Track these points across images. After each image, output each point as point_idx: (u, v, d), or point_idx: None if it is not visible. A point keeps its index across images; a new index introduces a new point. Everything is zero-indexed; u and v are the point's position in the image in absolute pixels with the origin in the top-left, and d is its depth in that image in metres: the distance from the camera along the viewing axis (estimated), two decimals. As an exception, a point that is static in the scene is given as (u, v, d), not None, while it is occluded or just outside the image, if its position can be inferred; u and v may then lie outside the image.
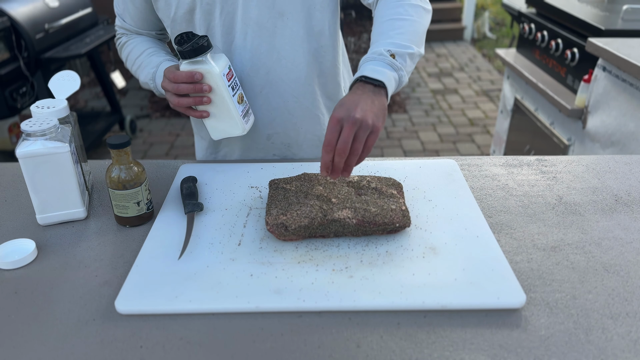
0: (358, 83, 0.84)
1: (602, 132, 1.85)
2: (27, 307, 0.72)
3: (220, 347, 0.64)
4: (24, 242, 0.83)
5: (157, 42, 1.13)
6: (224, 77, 0.92)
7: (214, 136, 1.01)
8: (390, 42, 0.87)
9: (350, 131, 0.77)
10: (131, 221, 0.89)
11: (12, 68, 2.61)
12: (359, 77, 0.84)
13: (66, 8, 2.98)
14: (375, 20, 0.95)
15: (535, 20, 2.42)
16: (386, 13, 0.92)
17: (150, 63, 1.06)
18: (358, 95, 0.81)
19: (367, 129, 0.78)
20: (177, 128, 3.74)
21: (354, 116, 0.77)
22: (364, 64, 0.86)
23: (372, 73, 0.83)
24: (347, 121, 0.77)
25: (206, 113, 0.96)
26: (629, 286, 0.73)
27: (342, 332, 0.66)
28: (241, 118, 0.97)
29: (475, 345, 0.64)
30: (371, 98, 0.81)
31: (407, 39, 0.88)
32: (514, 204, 0.93)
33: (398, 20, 0.90)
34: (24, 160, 0.83)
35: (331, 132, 0.78)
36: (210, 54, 0.92)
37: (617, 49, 1.73)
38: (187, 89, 0.92)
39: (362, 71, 0.84)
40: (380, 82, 0.82)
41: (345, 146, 0.77)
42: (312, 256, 0.78)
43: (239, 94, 0.97)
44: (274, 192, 0.89)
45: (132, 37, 1.12)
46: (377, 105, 0.80)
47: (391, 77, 0.84)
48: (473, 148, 3.38)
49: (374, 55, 0.86)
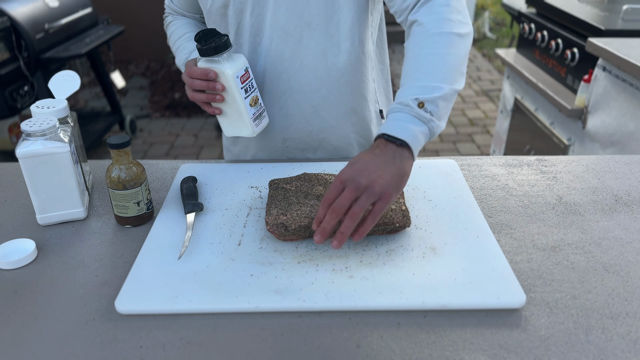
0: (379, 140, 0.75)
1: (602, 132, 1.85)
2: (27, 307, 0.72)
3: (220, 347, 0.64)
4: (24, 242, 0.83)
5: (199, 27, 1.16)
6: (237, 79, 0.93)
7: (227, 133, 1.04)
8: (417, 85, 0.78)
9: (350, 195, 0.69)
10: (131, 221, 0.89)
11: (12, 68, 2.61)
12: (380, 134, 0.75)
13: (66, 8, 2.98)
14: (405, 55, 0.86)
15: (535, 20, 2.42)
16: (414, 49, 0.83)
17: (185, 48, 1.10)
18: (374, 155, 0.73)
19: (372, 196, 0.69)
20: (177, 128, 3.74)
21: (359, 181, 0.70)
22: (388, 117, 0.77)
23: (395, 130, 0.74)
24: (350, 184, 0.70)
25: (218, 110, 0.99)
26: (629, 286, 0.73)
27: (342, 332, 0.66)
28: (251, 120, 0.98)
29: (475, 345, 0.64)
30: (389, 161, 0.72)
31: (436, 77, 0.78)
32: (514, 204, 0.93)
33: (425, 56, 0.81)
34: (24, 160, 0.83)
35: (331, 190, 0.71)
36: (228, 54, 0.93)
37: (617, 49, 1.73)
38: (201, 85, 0.94)
39: (385, 127, 0.75)
40: (403, 141, 0.73)
41: (340, 209, 0.69)
42: (312, 256, 0.78)
43: (253, 96, 0.98)
44: (274, 192, 0.89)
45: (177, 18, 1.17)
46: (393, 170, 0.71)
47: (418, 132, 0.74)
48: (473, 148, 3.38)
49: (399, 106, 0.76)
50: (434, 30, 0.83)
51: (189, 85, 0.97)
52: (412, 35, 0.85)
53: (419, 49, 0.82)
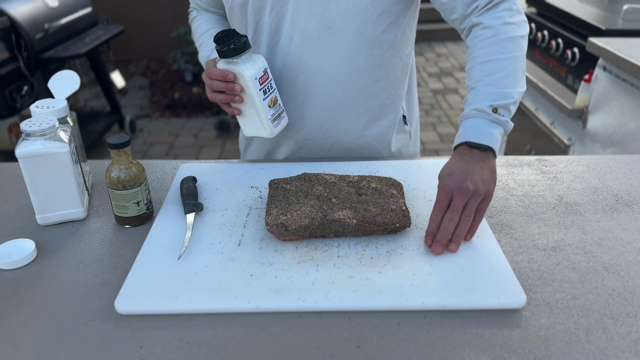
0: (463, 147, 0.81)
1: (603, 132, 1.85)
2: (27, 307, 0.72)
3: (220, 347, 0.64)
4: (23, 242, 0.83)
5: (223, 22, 1.17)
6: (256, 81, 0.93)
7: (246, 133, 1.04)
8: (490, 92, 0.83)
9: (461, 201, 0.76)
10: (131, 221, 0.88)
11: (12, 68, 2.61)
12: (464, 142, 0.81)
13: (66, 8, 2.98)
14: (469, 57, 0.90)
15: (536, 20, 2.42)
16: (481, 53, 0.87)
17: (208, 45, 1.11)
18: (466, 162, 0.78)
19: (479, 197, 0.77)
20: (177, 128, 3.74)
21: (466, 187, 0.76)
22: (466, 123, 0.83)
23: (478, 138, 0.80)
24: (459, 192, 0.76)
25: (237, 111, 0.99)
26: (629, 286, 0.73)
27: (342, 332, 0.66)
28: (269, 122, 0.98)
29: (476, 345, 0.64)
30: (480, 165, 0.78)
31: (507, 83, 0.83)
32: (514, 204, 0.93)
33: (495, 62, 0.85)
34: (24, 160, 0.83)
35: (441, 201, 0.77)
36: (247, 55, 0.93)
37: (618, 48, 1.73)
38: (220, 86, 0.95)
39: (467, 135, 0.81)
40: (488, 146, 0.80)
41: (455, 215, 0.76)
42: (312, 256, 0.78)
43: (272, 97, 0.97)
44: (274, 192, 0.89)
45: (201, 13, 1.18)
46: (487, 171, 0.78)
47: (497, 135, 0.81)
48: (473, 148, 3.38)
49: (476, 112, 0.82)
50: (502, 35, 0.86)
51: (208, 86, 0.97)
52: (479, 38, 0.88)
53: (488, 53, 0.86)
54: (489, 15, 0.88)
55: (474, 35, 0.90)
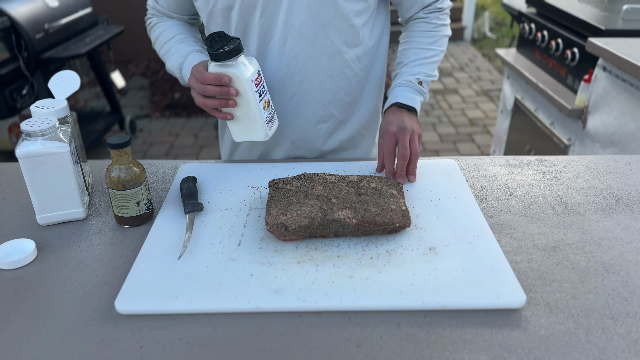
0: (394, 107, 1.03)
1: (602, 132, 1.85)
2: (27, 307, 0.72)
3: (220, 347, 0.64)
4: (23, 242, 0.83)
5: (188, 28, 1.13)
6: (252, 83, 0.91)
7: (236, 138, 1.01)
8: (420, 70, 1.06)
9: (406, 138, 0.96)
10: (131, 221, 0.88)
11: (12, 68, 2.61)
12: (395, 103, 1.03)
13: (66, 8, 2.98)
14: (409, 40, 1.10)
15: (535, 20, 2.42)
16: (421, 40, 1.08)
17: (178, 51, 1.06)
18: (400, 114, 1.00)
19: (416, 134, 0.97)
20: (177, 128, 3.74)
21: (406, 126, 0.97)
22: (396, 90, 1.05)
23: (406, 100, 1.03)
24: (402, 131, 0.96)
25: (230, 116, 0.95)
26: (629, 286, 0.73)
27: (342, 332, 0.66)
28: (265, 124, 0.96)
29: (475, 345, 0.64)
30: (408, 116, 1.00)
31: (433, 68, 1.08)
32: (514, 204, 0.93)
33: (430, 50, 1.08)
34: (24, 160, 0.83)
35: (389, 143, 0.97)
36: (241, 58, 0.90)
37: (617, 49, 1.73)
38: (214, 91, 0.91)
39: (398, 98, 1.03)
40: (412, 107, 1.02)
41: (406, 150, 0.95)
42: (312, 256, 0.78)
43: (266, 99, 0.96)
44: (274, 192, 0.89)
45: (162, 20, 1.13)
46: (414, 121, 1.01)
47: (419, 101, 1.05)
48: (473, 148, 3.38)
49: (406, 82, 1.04)
50: (440, 32, 1.09)
51: (200, 91, 0.93)
52: (422, 28, 1.09)
53: (426, 43, 1.08)
54: (434, 16, 1.09)
55: (418, 25, 1.10)
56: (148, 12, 1.16)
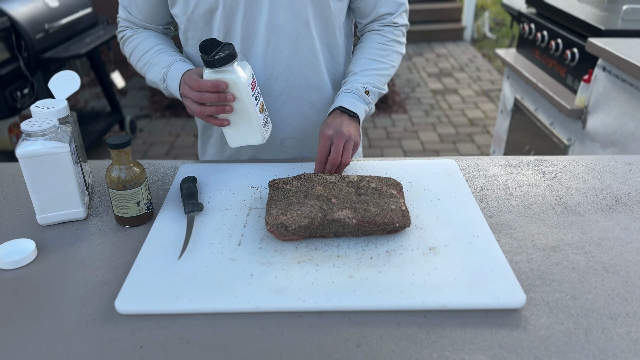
0: (337, 111, 1.01)
1: (602, 132, 1.85)
2: (27, 307, 0.72)
3: (220, 347, 0.64)
4: (24, 242, 0.83)
5: (164, 38, 1.11)
6: (249, 87, 0.91)
7: (232, 144, 0.99)
8: (369, 81, 1.04)
9: (341, 142, 0.94)
10: (131, 221, 0.89)
11: (12, 68, 2.61)
12: (338, 107, 1.01)
13: (66, 8, 2.98)
14: (361, 50, 1.10)
15: (535, 20, 2.42)
16: (372, 51, 1.08)
17: (160, 62, 1.04)
18: (340, 119, 0.98)
19: (352, 141, 0.96)
20: (177, 128, 3.74)
21: (342, 132, 0.95)
22: (342, 95, 1.03)
23: (350, 105, 1.01)
24: (337, 136, 0.94)
25: (227, 122, 0.95)
26: (629, 286, 0.73)
27: (342, 332, 0.66)
28: (261, 127, 0.97)
29: (475, 345, 0.64)
30: (349, 121, 0.99)
31: (382, 81, 1.07)
32: (514, 204, 0.93)
33: (380, 62, 1.07)
34: (24, 160, 0.83)
35: (323, 146, 0.95)
36: (237, 63, 0.90)
37: (617, 49, 1.73)
38: (211, 98, 0.90)
39: (342, 102, 1.01)
40: (355, 113, 1.01)
41: (337, 157, 0.94)
42: (312, 256, 0.78)
43: (261, 102, 0.96)
44: (274, 192, 0.89)
45: (137, 32, 1.09)
46: (354, 127, 0.99)
47: (363, 109, 1.03)
48: (473, 148, 3.38)
49: (352, 89, 1.03)
50: (393, 47, 1.09)
51: (197, 99, 0.91)
52: (376, 40, 1.09)
53: (378, 55, 1.08)
54: (388, 30, 1.09)
55: (372, 36, 1.10)
56: (120, 25, 1.11)
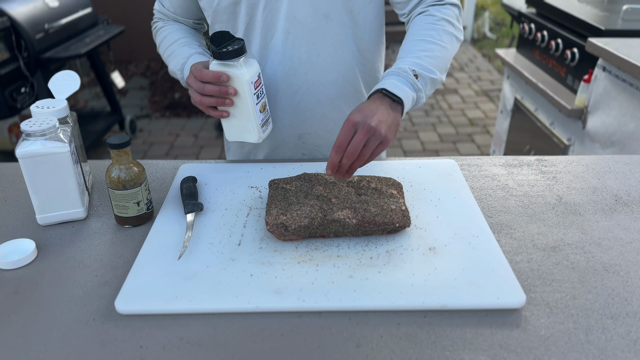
0: (378, 94, 0.85)
1: (602, 132, 1.85)
2: (27, 307, 0.72)
3: (220, 347, 0.64)
4: (24, 242, 0.83)
5: (192, 32, 1.13)
6: (252, 85, 0.91)
7: (229, 138, 1.01)
8: (417, 62, 0.89)
9: (363, 137, 0.78)
10: (131, 221, 0.88)
11: (12, 68, 2.60)
12: (379, 89, 0.85)
13: (66, 8, 2.98)
14: (408, 34, 0.97)
15: (535, 20, 2.42)
16: (419, 32, 0.95)
17: (181, 53, 1.06)
18: (376, 105, 0.82)
19: (378, 138, 0.80)
20: (177, 128, 3.74)
21: (369, 124, 0.79)
22: (386, 77, 0.87)
23: (394, 88, 0.84)
24: (362, 127, 0.79)
25: (226, 113, 0.95)
26: (629, 286, 0.73)
27: (342, 332, 0.66)
28: (259, 127, 0.96)
29: (475, 345, 0.64)
30: (388, 110, 0.82)
31: (433, 63, 0.90)
32: (514, 204, 0.93)
33: (429, 42, 0.92)
34: (24, 160, 0.83)
35: (345, 134, 0.79)
36: (244, 59, 0.91)
37: (617, 49, 1.73)
38: (212, 89, 0.91)
39: (384, 84, 0.85)
40: (399, 98, 0.84)
41: (355, 150, 0.79)
42: (312, 256, 0.78)
43: (263, 102, 0.96)
44: (274, 192, 0.89)
45: (168, 23, 1.13)
46: (392, 118, 0.82)
47: (410, 96, 0.86)
48: (473, 148, 3.38)
49: (398, 71, 0.87)
50: (442, 26, 0.95)
51: (199, 89, 0.92)
52: (422, 21, 0.97)
53: (424, 34, 0.94)
54: (435, 8, 0.98)
55: (418, 18, 0.99)
56: (154, 16, 1.16)
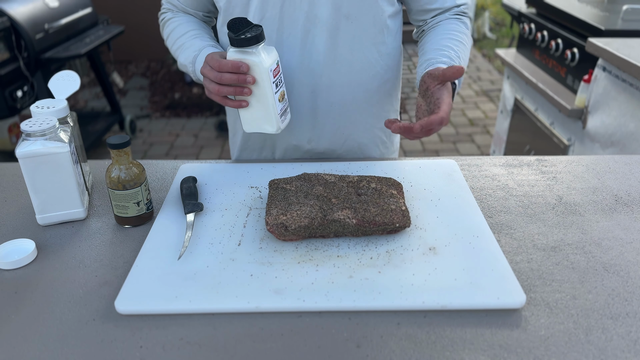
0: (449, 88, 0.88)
1: (602, 132, 1.85)
2: (27, 307, 0.72)
3: (220, 347, 0.64)
4: (24, 242, 0.83)
5: (202, 25, 1.11)
6: (271, 73, 0.89)
7: (247, 128, 0.98)
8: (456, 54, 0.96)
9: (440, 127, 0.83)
10: (131, 221, 0.88)
11: (12, 68, 2.61)
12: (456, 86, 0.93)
13: (66, 8, 2.98)
14: (426, 36, 1.03)
15: (535, 20, 2.42)
16: (440, 31, 1.01)
17: (192, 46, 1.04)
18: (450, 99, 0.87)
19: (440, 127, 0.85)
20: (177, 128, 3.74)
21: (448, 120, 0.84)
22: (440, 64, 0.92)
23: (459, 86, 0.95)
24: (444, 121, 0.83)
25: (245, 103, 0.92)
26: (629, 286, 0.73)
27: (342, 332, 0.66)
28: (278, 116, 0.94)
29: (475, 345, 0.64)
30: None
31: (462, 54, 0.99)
32: (514, 204, 0.93)
33: (454, 33, 1.00)
34: (24, 160, 0.83)
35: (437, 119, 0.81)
36: (263, 46, 0.88)
37: (617, 49, 1.73)
38: (231, 79, 0.89)
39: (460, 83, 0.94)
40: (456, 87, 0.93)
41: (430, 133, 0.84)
42: (312, 256, 0.78)
43: (282, 91, 0.94)
44: (274, 192, 0.89)
45: (177, 15, 1.10)
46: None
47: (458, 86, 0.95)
48: (473, 148, 3.38)
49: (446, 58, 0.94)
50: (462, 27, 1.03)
51: (216, 79, 0.90)
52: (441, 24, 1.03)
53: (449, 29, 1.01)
54: (454, 17, 1.04)
55: (438, 25, 1.03)
56: (162, 7, 1.14)
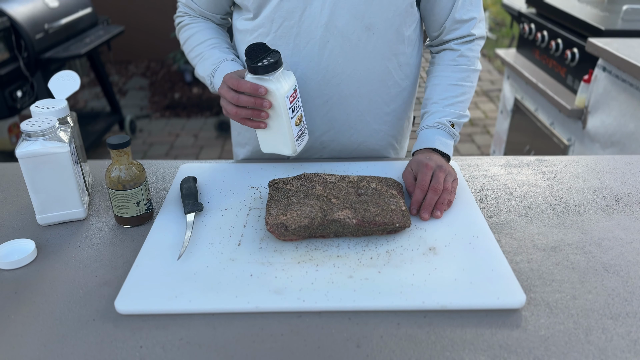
0: (428, 150, 0.98)
1: (602, 132, 1.85)
2: (27, 307, 0.72)
3: (220, 347, 0.64)
4: (23, 242, 0.83)
5: (220, 32, 1.10)
6: (287, 99, 0.89)
7: (264, 149, 0.98)
8: (452, 111, 1.01)
9: (442, 175, 0.90)
10: (131, 221, 0.88)
11: (12, 68, 2.60)
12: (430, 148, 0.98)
13: (66, 8, 2.98)
14: (436, 72, 1.05)
15: (535, 20, 2.42)
16: (452, 75, 1.03)
17: (211, 56, 1.04)
18: (435, 155, 0.96)
19: (452, 175, 0.92)
20: (177, 128, 3.74)
21: (443, 167, 0.92)
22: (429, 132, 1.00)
23: (442, 147, 0.98)
24: (439, 169, 0.91)
25: (263, 124, 0.92)
26: (629, 286, 0.73)
27: (342, 332, 0.66)
28: (294, 140, 0.94)
29: (475, 345, 0.64)
30: (442, 160, 0.95)
31: (465, 107, 1.03)
32: (514, 204, 0.93)
33: (462, 86, 1.03)
34: (24, 160, 0.83)
35: (425, 175, 0.90)
36: (280, 72, 0.88)
37: (617, 49, 1.73)
38: (248, 101, 0.88)
39: (433, 143, 0.98)
40: (447, 155, 0.98)
41: (439, 185, 0.89)
42: (312, 256, 0.78)
43: (299, 115, 0.94)
44: (274, 192, 0.89)
45: (195, 20, 1.09)
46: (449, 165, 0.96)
47: (451, 146, 1.01)
48: (473, 148, 3.38)
49: (438, 125, 1.00)
50: (471, 66, 1.04)
51: (234, 101, 0.90)
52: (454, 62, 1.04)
53: (457, 78, 1.03)
54: (466, 48, 1.04)
55: (449, 56, 1.05)
56: (179, 10, 1.12)
